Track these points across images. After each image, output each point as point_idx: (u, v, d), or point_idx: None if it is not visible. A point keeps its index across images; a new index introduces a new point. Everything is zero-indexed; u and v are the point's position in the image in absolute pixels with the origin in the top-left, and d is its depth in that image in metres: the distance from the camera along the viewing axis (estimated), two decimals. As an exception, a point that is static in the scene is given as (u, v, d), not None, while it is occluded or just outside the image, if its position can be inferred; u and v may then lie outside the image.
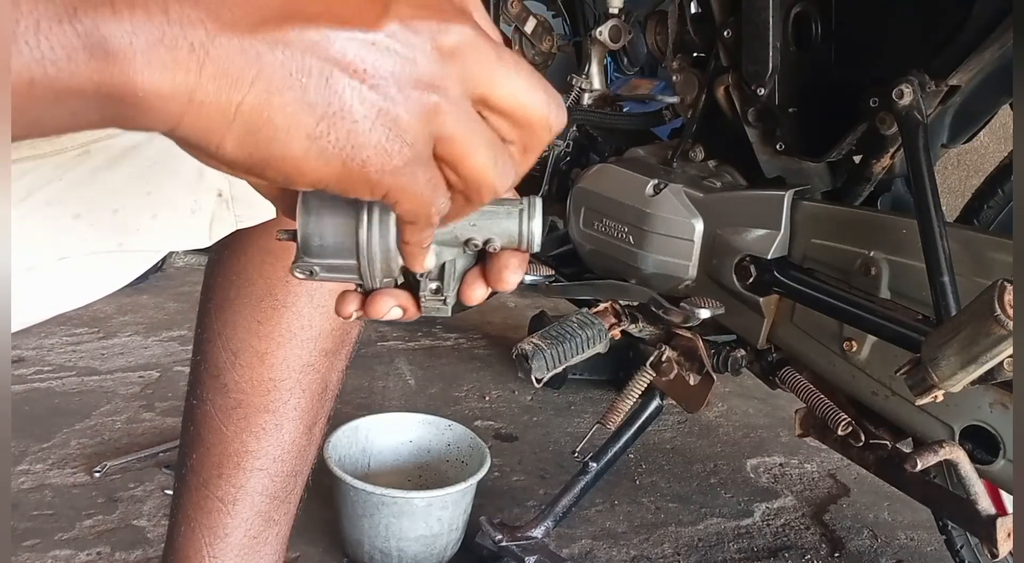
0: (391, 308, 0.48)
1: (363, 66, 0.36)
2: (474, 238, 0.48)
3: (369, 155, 0.37)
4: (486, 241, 0.48)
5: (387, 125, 0.37)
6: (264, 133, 0.36)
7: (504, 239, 0.48)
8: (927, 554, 1.48)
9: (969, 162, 2.34)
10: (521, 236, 0.48)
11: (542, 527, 1.32)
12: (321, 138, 0.36)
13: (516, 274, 0.49)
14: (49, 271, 0.66)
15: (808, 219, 1.12)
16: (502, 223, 0.48)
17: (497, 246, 0.48)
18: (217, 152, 0.37)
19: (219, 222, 0.75)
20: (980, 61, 1.04)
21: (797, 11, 1.14)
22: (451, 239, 0.48)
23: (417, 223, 0.42)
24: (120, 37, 0.33)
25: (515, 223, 0.48)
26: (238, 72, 0.35)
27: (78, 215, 0.66)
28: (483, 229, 0.48)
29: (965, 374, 0.82)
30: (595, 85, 1.56)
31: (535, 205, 0.48)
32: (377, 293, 0.48)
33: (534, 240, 0.48)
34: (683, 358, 1.23)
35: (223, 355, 0.85)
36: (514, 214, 0.48)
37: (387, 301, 0.48)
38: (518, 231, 0.48)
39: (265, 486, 0.88)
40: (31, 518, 1.34)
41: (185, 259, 2.54)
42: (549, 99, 0.42)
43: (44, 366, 1.83)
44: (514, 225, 0.48)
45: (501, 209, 0.48)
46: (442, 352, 2.12)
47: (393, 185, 0.39)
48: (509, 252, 0.49)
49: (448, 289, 0.49)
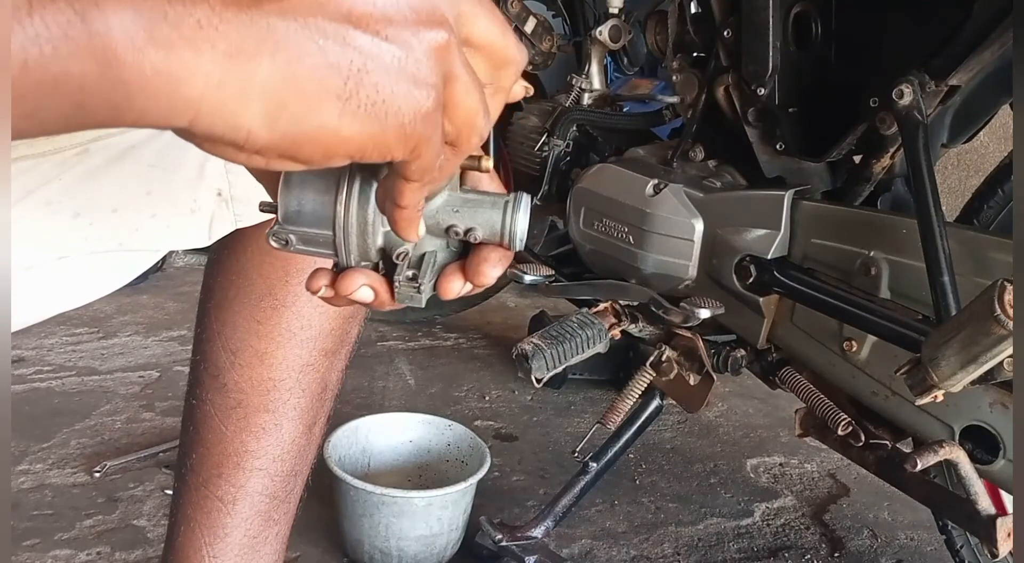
0: (361, 286, 0.46)
1: (373, 17, 0.35)
2: (456, 226, 0.47)
3: (400, 105, 0.36)
4: (468, 230, 0.47)
5: (411, 71, 0.36)
6: (294, 106, 0.34)
7: (486, 230, 0.47)
8: (927, 554, 1.48)
9: (969, 162, 2.34)
10: (504, 229, 0.46)
11: (542, 527, 1.32)
12: (351, 98, 0.35)
13: (495, 269, 0.48)
14: (49, 270, 0.66)
15: (808, 219, 1.12)
16: (486, 213, 0.47)
17: (479, 236, 0.47)
18: (248, 140, 0.35)
19: (219, 222, 0.75)
20: (980, 61, 1.03)
21: (797, 11, 1.14)
22: (433, 226, 0.47)
23: (422, 179, 0.40)
24: (118, 13, 0.31)
25: (499, 215, 0.47)
26: (254, 46, 0.33)
27: (78, 214, 0.66)
28: (466, 217, 0.47)
29: (965, 374, 0.82)
30: (595, 85, 1.56)
31: (521, 200, 0.47)
32: (349, 270, 0.46)
33: (516, 236, 0.47)
34: (683, 358, 1.23)
35: (223, 355, 0.85)
36: (499, 206, 0.47)
37: (358, 278, 0.46)
38: (501, 224, 0.46)
39: (265, 486, 0.88)
40: (31, 518, 1.34)
41: (185, 259, 2.54)
42: (516, 39, 0.42)
43: (44, 366, 1.83)
44: (498, 217, 0.47)
45: (487, 199, 0.47)
46: (442, 352, 2.12)
47: (423, 135, 0.37)
48: (491, 246, 0.47)
49: (424, 278, 0.47)
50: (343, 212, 0.44)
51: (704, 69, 1.25)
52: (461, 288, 0.48)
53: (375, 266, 0.47)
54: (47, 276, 0.66)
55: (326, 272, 0.47)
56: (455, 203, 0.47)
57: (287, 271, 0.83)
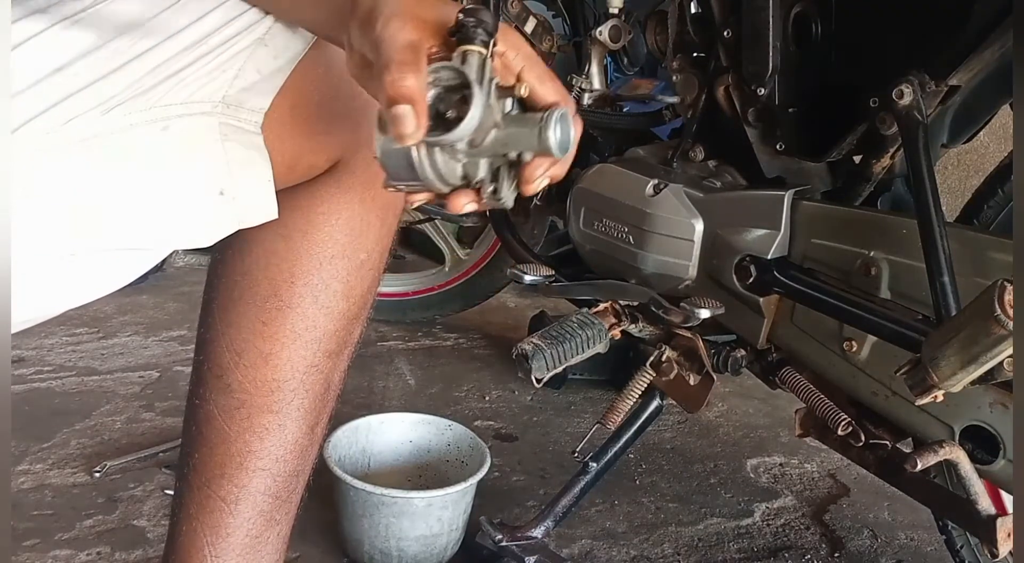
0: (464, 203, 0.63)
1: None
2: (508, 152, 0.61)
3: None
4: (518, 154, 0.61)
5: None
6: None
7: (530, 150, 0.61)
8: (927, 554, 1.49)
9: (969, 162, 2.34)
10: (541, 147, 0.60)
11: (542, 527, 1.32)
12: None
13: (544, 176, 0.62)
14: (51, 269, 0.66)
15: (808, 219, 1.12)
16: (525, 137, 0.60)
17: (526, 157, 0.61)
18: None
19: (221, 222, 0.75)
20: (980, 61, 1.04)
21: (797, 11, 1.14)
22: (495, 154, 0.62)
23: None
24: None
25: (535, 136, 0.60)
26: None
27: (81, 213, 0.66)
28: (511, 144, 0.61)
29: (965, 374, 0.82)
30: (595, 85, 1.56)
31: (550, 119, 0.60)
32: (453, 194, 0.63)
33: (551, 149, 0.60)
34: (683, 358, 1.23)
35: (226, 355, 0.86)
36: (535, 127, 0.60)
37: (460, 199, 0.63)
38: (538, 143, 0.60)
39: (267, 486, 0.88)
40: (31, 518, 1.34)
41: (185, 259, 2.54)
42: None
43: (44, 366, 1.83)
44: (535, 138, 0.60)
45: (528, 122, 0.61)
46: (442, 352, 2.12)
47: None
48: (537, 159, 0.61)
49: (503, 189, 0.63)
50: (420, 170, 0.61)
51: (704, 69, 1.25)
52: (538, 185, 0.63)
53: (467, 187, 0.63)
54: (49, 275, 0.67)
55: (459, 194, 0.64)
56: (502, 137, 0.61)
57: (292, 273, 0.83)
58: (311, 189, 0.83)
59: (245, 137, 0.75)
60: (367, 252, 0.86)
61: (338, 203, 0.84)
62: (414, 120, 0.57)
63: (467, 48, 0.60)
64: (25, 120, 0.64)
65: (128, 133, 0.68)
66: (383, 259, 0.90)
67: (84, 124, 0.66)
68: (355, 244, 0.85)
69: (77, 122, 0.66)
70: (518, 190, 0.63)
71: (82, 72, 0.66)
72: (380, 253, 0.89)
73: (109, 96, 0.67)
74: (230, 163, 0.74)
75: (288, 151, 0.78)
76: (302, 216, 0.83)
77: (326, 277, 0.84)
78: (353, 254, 0.85)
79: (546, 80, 0.64)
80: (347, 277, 0.86)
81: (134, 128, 0.69)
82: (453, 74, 0.59)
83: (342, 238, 0.84)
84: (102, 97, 0.67)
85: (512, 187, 0.63)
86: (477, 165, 0.62)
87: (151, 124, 0.69)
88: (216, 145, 0.73)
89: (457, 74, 0.59)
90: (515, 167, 0.63)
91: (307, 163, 0.81)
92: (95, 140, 0.67)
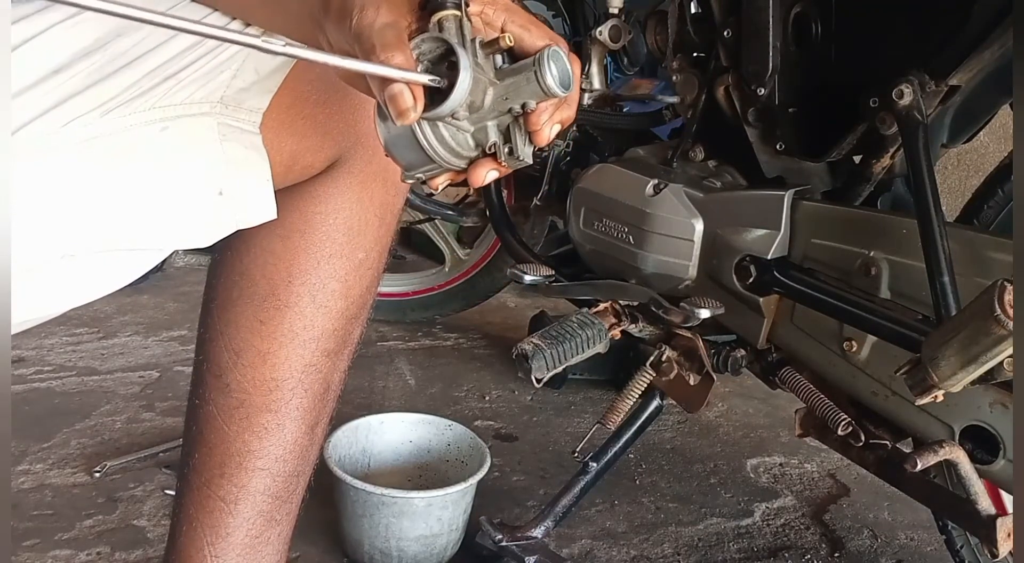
0: (485, 172, 0.62)
1: None
2: (513, 108, 0.60)
3: None
4: (523, 105, 0.59)
5: None
6: None
7: (533, 98, 0.59)
8: (927, 554, 1.49)
9: (969, 162, 2.34)
10: (542, 91, 0.59)
11: (542, 527, 1.32)
12: None
13: (552, 122, 0.61)
14: (51, 270, 0.66)
15: (808, 219, 1.12)
16: (523, 86, 0.59)
17: (532, 106, 0.59)
18: None
19: (220, 222, 0.75)
20: (980, 61, 1.04)
21: (797, 11, 1.14)
22: (499, 114, 0.60)
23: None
24: None
25: (533, 83, 0.59)
26: None
27: (81, 213, 0.66)
28: (513, 98, 0.59)
29: (965, 374, 0.82)
30: (595, 85, 1.56)
31: (543, 59, 0.58)
32: (472, 166, 0.62)
33: (552, 90, 0.58)
34: (683, 358, 1.23)
35: (225, 355, 0.86)
36: (530, 74, 0.58)
37: (480, 170, 0.62)
38: (538, 88, 0.59)
39: (267, 486, 0.88)
40: (31, 518, 1.34)
41: (185, 259, 2.54)
42: None
43: (44, 366, 1.83)
44: (533, 85, 0.59)
45: (521, 71, 0.59)
46: (442, 352, 2.12)
47: None
48: (542, 105, 0.60)
49: (518, 147, 0.61)
50: (432, 151, 0.60)
51: (704, 69, 1.25)
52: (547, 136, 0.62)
53: (483, 155, 0.62)
54: (50, 275, 0.67)
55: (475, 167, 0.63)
56: (501, 92, 0.60)
57: (290, 272, 0.83)
58: (309, 189, 0.83)
59: (244, 137, 0.75)
60: (365, 251, 0.86)
61: (336, 202, 0.84)
62: (410, 96, 0.56)
63: (441, 14, 0.59)
64: (25, 121, 0.64)
65: (127, 134, 0.68)
66: (382, 258, 0.90)
67: (84, 125, 0.66)
68: (353, 243, 0.85)
69: (77, 123, 0.66)
70: (533, 144, 0.62)
71: (81, 73, 0.66)
72: (379, 252, 0.89)
73: (108, 97, 0.67)
74: (229, 163, 0.74)
75: (286, 151, 0.79)
76: (300, 216, 0.83)
77: (324, 276, 0.85)
78: (351, 253, 0.85)
79: (530, 26, 0.63)
80: (345, 276, 0.86)
81: (133, 129, 0.69)
82: (434, 43, 0.58)
83: (340, 237, 0.84)
84: (101, 98, 0.67)
85: (526, 142, 0.61)
86: (486, 130, 0.61)
87: (150, 125, 0.70)
88: (215, 145, 0.73)
89: (438, 42, 0.58)
90: (524, 119, 0.61)
91: (305, 162, 0.81)
92: (95, 141, 0.67)
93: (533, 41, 0.62)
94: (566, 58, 0.60)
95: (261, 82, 0.75)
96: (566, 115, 0.62)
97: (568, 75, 0.60)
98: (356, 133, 0.82)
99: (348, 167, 0.83)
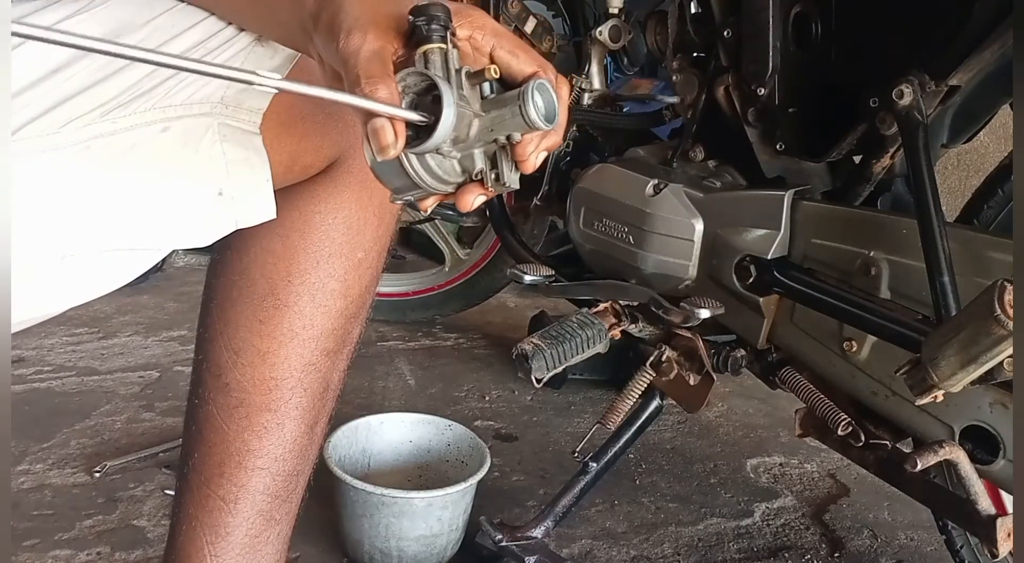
0: (473, 197, 0.62)
1: None
2: (498, 138, 0.60)
3: None
4: (507, 137, 0.60)
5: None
6: None
7: (518, 130, 0.60)
8: (927, 554, 1.49)
9: (969, 162, 2.34)
10: (527, 124, 0.59)
11: (542, 527, 1.32)
12: None
13: (537, 152, 0.61)
14: (50, 269, 0.66)
15: (808, 219, 1.12)
16: (508, 120, 0.59)
17: (516, 137, 0.60)
18: None
19: (219, 222, 0.75)
20: (980, 61, 1.04)
21: (797, 11, 1.14)
22: (484, 144, 0.61)
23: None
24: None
25: (517, 116, 0.59)
26: None
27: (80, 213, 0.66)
28: (498, 129, 0.60)
29: (965, 374, 0.82)
30: (595, 85, 1.56)
31: (527, 94, 0.58)
32: (460, 191, 0.62)
33: (536, 124, 0.58)
34: (683, 358, 1.23)
35: (225, 354, 0.86)
36: (515, 107, 0.59)
37: (468, 196, 0.63)
38: (523, 121, 0.59)
39: (267, 485, 0.88)
40: (31, 518, 1.34)
41: (185, 259, 2.54)
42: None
43: (44, 366, 1.83)
44: (517, 118, 0.59)
45: (506, 104, 0.59)
46: (442, 352, 2.12)
47: None
48: (527, 136, 0.60)
49: (504, 174, 0.62)
50: (418, 177, 0.60)
51: (704, 69, 1.25)
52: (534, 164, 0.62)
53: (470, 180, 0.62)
54: (49, 275, 0.67)
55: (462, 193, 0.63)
56: (486, 124, 0.60)
57: (289, 271, 0.83)
58: (308, 188, 0.83)
59: (244, 137, 0.75)
60: (364, 251, 0.87)
61: (335, 202, 0.84)
62: (391, 132, 0.56)
63: (426, 48, 0.59)
64: (25, 122, 0.64)
65: (128, 134, 0.69)
66: (381, 258, 0.90)
67: (84, 125, 0.66)
68: (352, 243, 0.85)
69: (76, 123, 0.66)
70: (519, 171, 0.62)
71: (81, 74, 0.67)
72: (378, 252, 0.89)
73: (109, 98, 0.67)
74: (229, 163, 0.74)
75: (285, 151, 0.79)
76: (299, 215, 0.83)
77: (323, 276, 0.85)
78: (350, 253, 0.85)
79: (518, 53, 0.62)
80: (344, 276, 0.86)
81: (134, 129, 0.69)
82: (419, 78, 0.58)
83: (339, 237, 0.84)
84: (102, 99, 0.67)
85: (512, 169, 0.62)
86: (472, 157, 0.61)
87: (150, 125, 0.70)
88: (215, 145, 0.73)
89: (422, 77, 0.58)
90: (511, 148, 0.62)
91: (304, 162, 0.82)
92: (95, 141, 0.67)
93: (521, 67, 0.62)
94: (552, 88, 0.60)
95: None
96: (552, 142, 0.63)
97: (554, 107, 0.60)
98: (355, 133, 0.82)
99: (347, 167, 0.83)
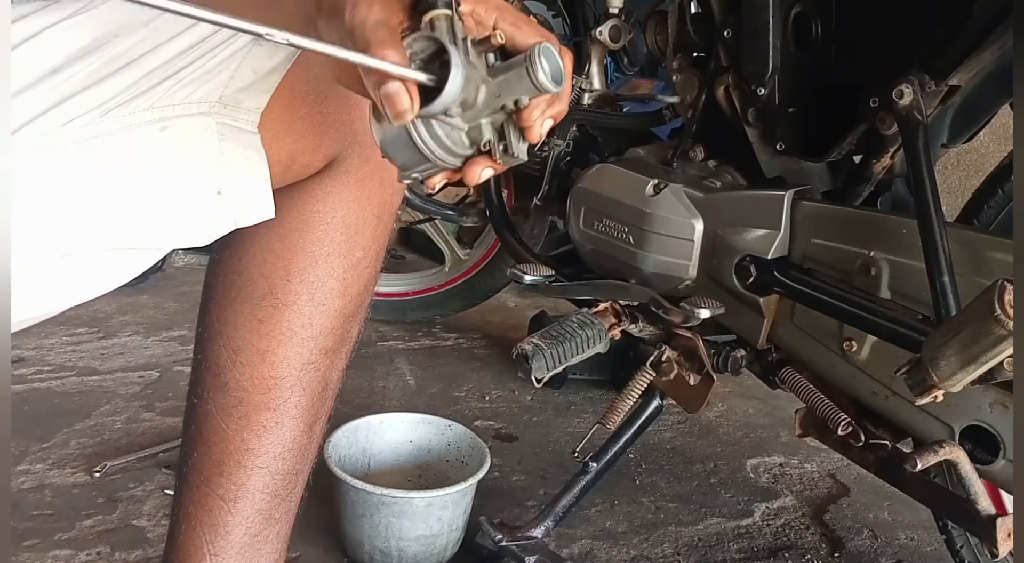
0: (481, 169, 0.62)
1: None
2: (506, 104, 0.60)
3: None
4: (516, 102, 0.60)
5: None
6: None
7: (526, 94, 0.59)
8: (927, 554, 1.48)
9: (969, 162, 2.34)
10: (535, 87, 0.59)
11: (542, 527, 1.32)
12: None
13: (544, 118, 0.61)
14: (49, 268, 0.66)
15: (808, 219, 1.12)
16: (515, 83, 0.59)
17: (524, 102, 0.60)
18: None
19: (218, 221, 0.75)
20: (980, 61, 1.04)
21: (797, 11, 1.14)
22: (492, 111, 0.60)
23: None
24: None
25: (525, 79, 0.59)
26: None
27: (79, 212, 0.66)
28: (506, 94, 0.60)
29: (965, 374, 0.82)
30: (595, 85, 1.56)
31: (534, 56, 0.58)
32: (468, 164, 0.61)
33: (544, 86, 0.58)
34: (683, 358, 1.23)
35: (224, 353, 0.86)
36: (522, 71, 0.59)
37: (475, 168, 0.62)
38: (530, 84, 0.59)
39: (266, 484, 0.88)
40: (31, 518, 1.34)
41: (185, 259, 2.54)
42: None
43: (44, 366, 1.83)
44: (525, 81, 0.59)
45: (512, 69, 0.59)
46: (442, 352, 2.12)
47: None
48: (535, 101, 0.60)
49: (512, 145, 0.62)
50: (426, 149, 0.60)
51: (704, 69, 1.25)
52: (539, 132, 0.62)
53: (478, 153, 0.62)
54: (49, 274, 0.67)
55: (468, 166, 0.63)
56: (493, 89, 0.60)
57: (288, 270, 0.83)
58: (307, 187, 0.83)
59: (242, 136, 0.75)
60: (363, 249, 0.87)
61: (334, 201, 0.84)
62: (407, 96, 0.56)
63: (432, 14, 0.59)
64: (25, 121, 0.64)
65: (127, 134, 0.69)
66: (380, 257, 0.90)
67: (83, 125, 0.66)
68: (351, 242, 0.85)
69: (76, 123, 0.66)
70: (526, 140, 0.62)
71: (80, 73, 0.67)
72: (377, 251, 0.89)
73: (108, 97, 0.68)
74: (227, 163, 0.74)
75: (284, 150, 0.79)
76: (298, 215, 0.83)
77: (322, 275, 0.85)
78: (349, 252, 0.85)
79: (521, 24, 0.63)
80: (343, 275, 0.86)
81: (133, 129, 0.69)
82: (426, 43, 0.59)
83: (338, 236, 0.84)
84: (101, 98, 0.67)
85: (520, 139, 0.62)
86: (480, 128, 0.61)
87: (149, 125, 0.70)
88: (213, 145, 0.73)
89: (430, 41, 0.58)
90: (517, 115, 0.62)
91: (303, 162, 0.82)
92: (94, 141, 0.67)
93: (524, 38, 0.62)
94: (557, 53, 0.60)
95: (259, 82, 0.75)
96: (558, 109, 0.62)
97: (560, 70, 0.60)
98: (353, 132, 0.82)
99: (346, 166, 0.83)
